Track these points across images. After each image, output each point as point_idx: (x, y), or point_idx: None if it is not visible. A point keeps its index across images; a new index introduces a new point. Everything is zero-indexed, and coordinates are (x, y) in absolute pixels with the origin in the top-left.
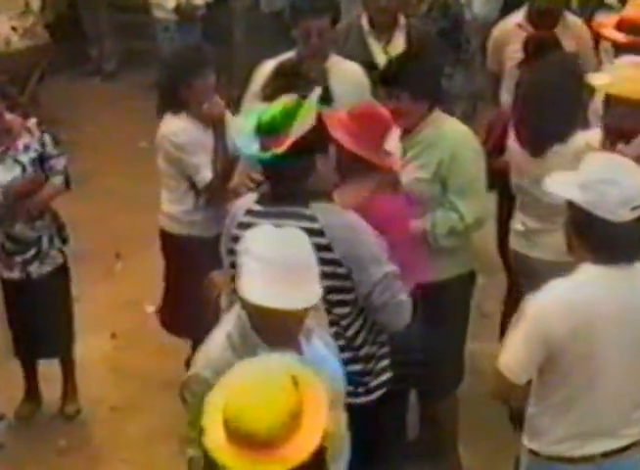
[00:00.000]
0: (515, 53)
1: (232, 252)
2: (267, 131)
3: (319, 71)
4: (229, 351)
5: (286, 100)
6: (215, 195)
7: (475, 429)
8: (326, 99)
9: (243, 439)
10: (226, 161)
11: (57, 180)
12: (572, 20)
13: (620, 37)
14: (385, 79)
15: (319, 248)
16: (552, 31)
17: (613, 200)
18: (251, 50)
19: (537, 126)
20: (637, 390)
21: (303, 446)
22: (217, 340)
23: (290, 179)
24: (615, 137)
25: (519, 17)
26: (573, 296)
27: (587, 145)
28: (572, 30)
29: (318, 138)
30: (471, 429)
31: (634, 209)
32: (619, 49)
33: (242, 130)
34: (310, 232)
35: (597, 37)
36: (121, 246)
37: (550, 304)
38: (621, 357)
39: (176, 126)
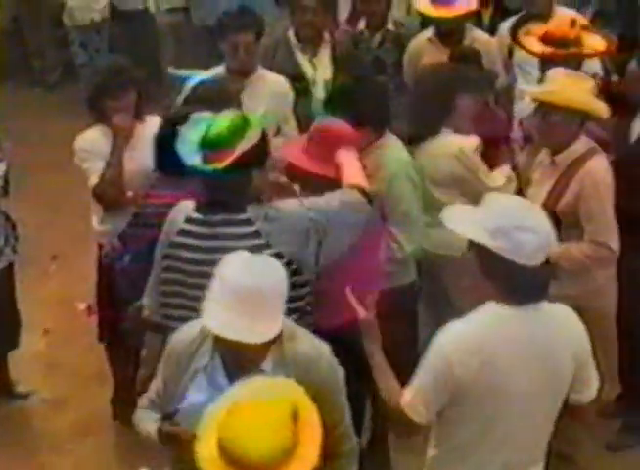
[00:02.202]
0: None
1: (167, 256)
2: (212, 146)
3: (235, 90)
4: (196, 331)
5: (231, 115)
6: (103, 201)
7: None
8: None
9: (233, 460)
10: (116, 171)
11: None
12: (480, 35)
13: (537, 49)
14: (327, 107)
15: (258, 248)
16: (473, 47)
17: (531, 247)
18: (182, 64)
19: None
20: (541, 429)
21: None
22: (198, 324)
23: (228, 190)
24: (549, 143)
25: (429, 32)
26: (475, 336)
27: (461, 151)
28: (479, 45)
29: (259, 154)
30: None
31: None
32: (544, 60)
33: (185, 141)
34: (248, 236)
35: (515, 45)
36: (58, 248)
37: (451, 345)
38: (526, 395)
39: (84, 134)
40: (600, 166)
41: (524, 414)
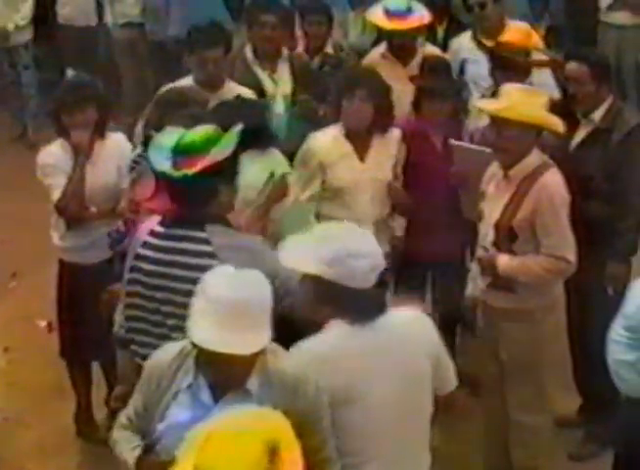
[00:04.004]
0: None
1: (133, 269)
2: (184, 151)
3: (202, 99)
4: (177, 351)
5: (207, 128)
6: (66, 215)
7: None
8: None
9: None
10: (78, 186)
11: None
12: (432, 50)
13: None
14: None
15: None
16: (442, 57)
17: (363, 270)
18: (139, 78)
19: None
20: (417, 431)
21: None
22: (178, 344)
23: (193, 202)
24: (504, 158)
25: (382, 48)
26: (329, 354)
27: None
28: None
29: (229, 168)
30: None
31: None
32: (498, 69)
33: (157, 147)
34: (204, 254)
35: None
36: (17, 265)
37: (307, 365)
38: (390, 401)
39: (47, 149)
40: (554, 180)
41: (392, 419)
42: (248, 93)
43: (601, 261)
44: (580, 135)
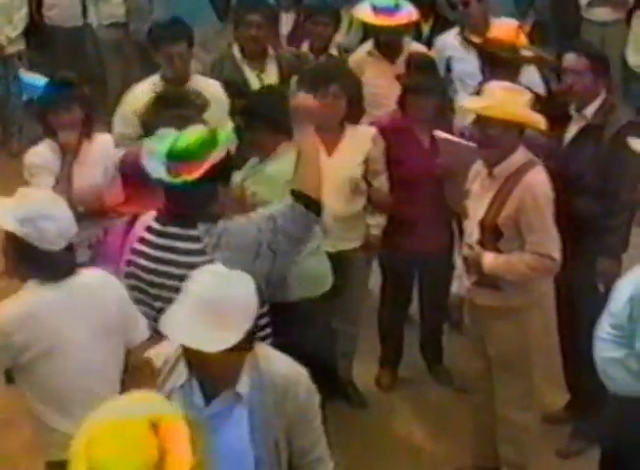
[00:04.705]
0: (370, 80)
1: (129, 262)
2: (179, 157)
3: (197, 95)
4: (172, 350)
5: (199, 129)
6: None
7: None
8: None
9: None
10: (65, 186)
11: None
12: (418, 48)
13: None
14: (244, 110)
15: (203, 264)
16: (428, 54)
17: (52, 233)
18: (125, 78)
19: None
20: (106, 380)
21: None
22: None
23: (193, 205)
24: (488, 156)
25: (368, 45)
26: (28, 312)
27: None
28: None
29: (225, 168)
30: None
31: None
32: (487, 66)
33: (151, 154)
34: (193, 252)
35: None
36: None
37: (5, 320)
38: (85, 346)
39: (34, 149)
40: (539, 179)
41: (86, 368)
42: (215, 85)
43: (591, 258)
44: (572, 131)
